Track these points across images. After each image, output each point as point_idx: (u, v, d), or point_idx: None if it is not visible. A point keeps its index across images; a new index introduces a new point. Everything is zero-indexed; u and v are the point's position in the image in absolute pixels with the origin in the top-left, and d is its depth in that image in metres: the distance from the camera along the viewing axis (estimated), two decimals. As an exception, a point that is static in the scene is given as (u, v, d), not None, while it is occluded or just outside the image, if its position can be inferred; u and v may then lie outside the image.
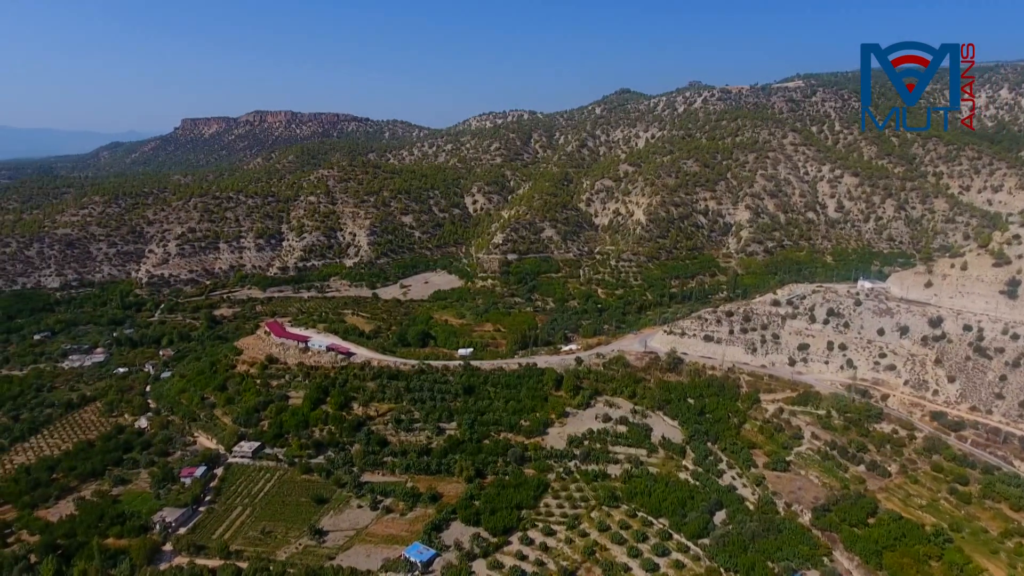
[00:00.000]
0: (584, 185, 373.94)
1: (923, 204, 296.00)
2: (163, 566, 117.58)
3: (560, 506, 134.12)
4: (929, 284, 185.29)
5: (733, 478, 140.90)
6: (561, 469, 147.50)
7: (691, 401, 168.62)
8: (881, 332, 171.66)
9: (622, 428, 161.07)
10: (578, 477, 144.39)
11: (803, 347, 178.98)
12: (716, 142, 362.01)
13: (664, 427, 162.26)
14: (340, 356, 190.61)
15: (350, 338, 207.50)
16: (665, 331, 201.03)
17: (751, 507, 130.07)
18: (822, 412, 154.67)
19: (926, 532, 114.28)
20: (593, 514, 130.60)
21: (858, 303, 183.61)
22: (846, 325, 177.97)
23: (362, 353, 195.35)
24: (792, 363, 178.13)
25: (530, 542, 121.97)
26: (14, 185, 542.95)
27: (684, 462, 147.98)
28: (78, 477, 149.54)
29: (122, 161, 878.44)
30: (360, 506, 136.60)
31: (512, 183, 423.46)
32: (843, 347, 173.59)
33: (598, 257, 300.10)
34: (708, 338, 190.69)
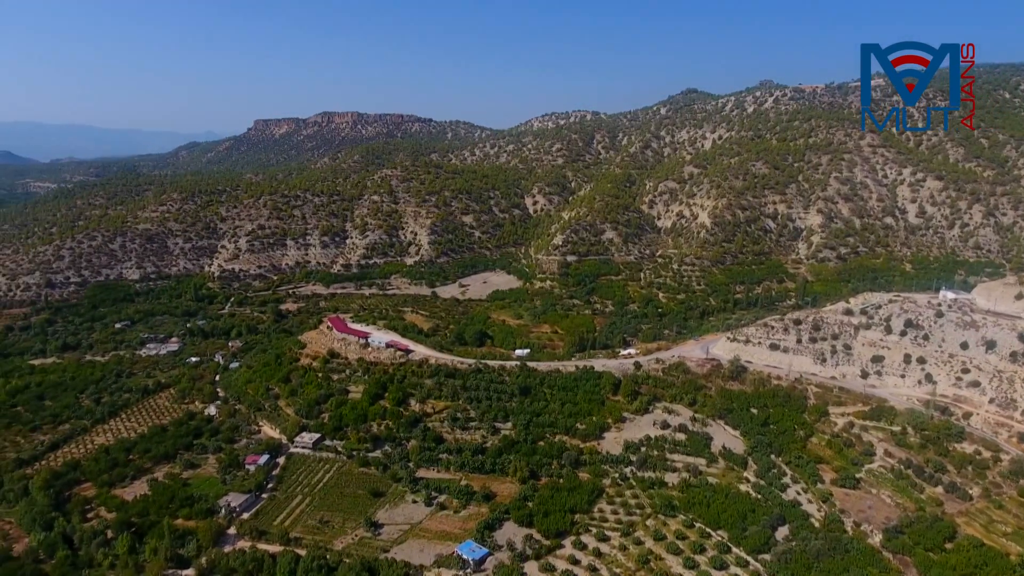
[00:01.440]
0: (647, 187, 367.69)
1: (1015, 210, 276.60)
2: (227, 548, 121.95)
3: (615, 512, 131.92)
4: (1020, 296, 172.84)
5: (798, 493, 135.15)
6: (617, 475, 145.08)
7: (754, 411, 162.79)
8: (964, 346, 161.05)
9: (681, 436, 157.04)
10: (634, 484, 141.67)
11: (877, 359, 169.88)
12: (787, 143, 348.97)
13: (725, 437, 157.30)
14: (399, 353, 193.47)
15: (409, 335, 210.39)
16: (728, 338, 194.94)
17: (816, 524, 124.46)
18: (896, 428, 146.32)
19: (1011, 562, 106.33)
20: (648, 522, 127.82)
21: (940, 314, 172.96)
22: (925, 337, 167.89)
23: (420, 351, 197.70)
24: (865, 376, 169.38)
25: (583, 547, 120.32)
26: (101, 182, 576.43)
27: (745, 474, 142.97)
28: (152, 459, 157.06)
29: (199, 160, 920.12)
30: (415, 501, 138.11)
31: (573, 184, 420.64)
32: (921, 361, 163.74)
33: (660, 260, 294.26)
34: (774, 347, 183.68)
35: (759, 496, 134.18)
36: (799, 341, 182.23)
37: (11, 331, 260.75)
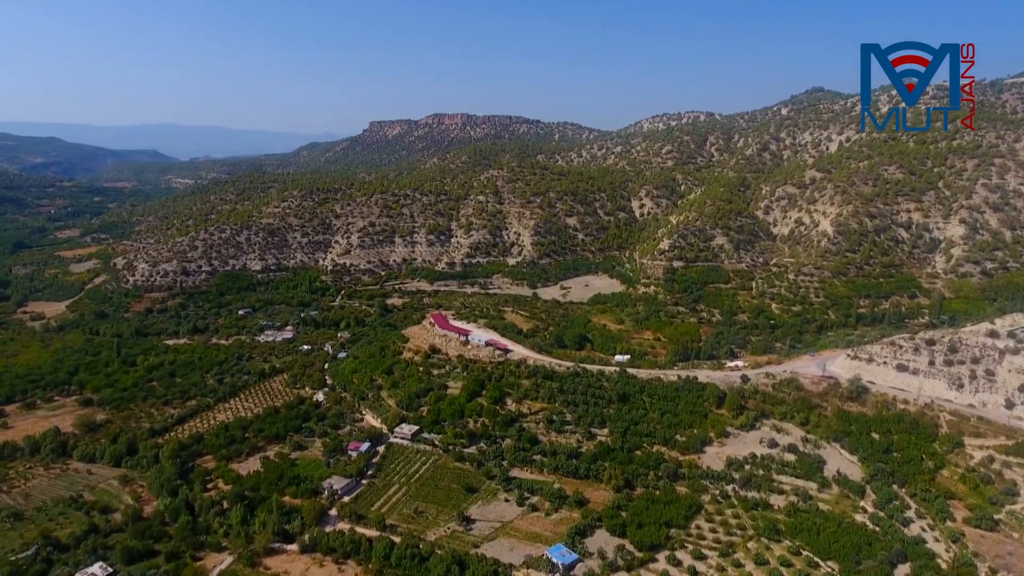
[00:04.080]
0: (763, 191, 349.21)
1: None
2: (328, 528, 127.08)
3: (713, 530, 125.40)
4: None
5: (923, 529, 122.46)
6: (717, 492, 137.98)
7: (875, 436, 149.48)
8: None
9: (790, 456, 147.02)
10: (735, 503, 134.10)
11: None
12: (927, 146, 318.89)
13: (840, 461, 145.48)
14: (498, 352, 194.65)
15: (508, 335, 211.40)
16: (849, 355, 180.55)
17: (944, 565, 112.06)
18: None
19: None
20: (750, 544, 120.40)
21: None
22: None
23: (519, 351, 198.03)
24: (1010, 406, 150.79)
25: (678, 563, 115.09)
26: (231, 180, 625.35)
27: (862, 503, 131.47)
28: (265, 438, 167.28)
29: (318, 159, 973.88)
30: (507, 500, 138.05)
31: (683, 187, 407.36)
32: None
33: (774, 269, 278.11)
34: (902, 367, 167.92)
35: (877, 529, 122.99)
36: (932, 363, 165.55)
37: (151, 313, 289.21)
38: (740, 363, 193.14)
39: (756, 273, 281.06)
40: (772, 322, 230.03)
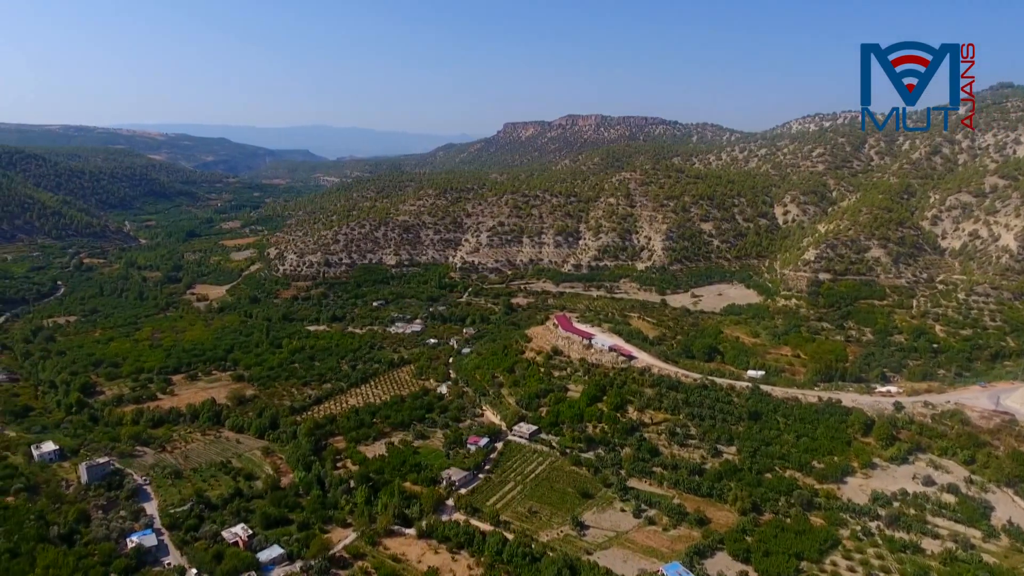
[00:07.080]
0: (931, 200, 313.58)
1: None
2: (444, 517, 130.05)
3: (852, 569, 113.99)
4: None
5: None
6: (858, 527, 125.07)
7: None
8: None
9: (949, 498, 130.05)
10: (880, 542, 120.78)
11: None
12: None
13: (1012, 509, 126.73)
14: (621, 358, 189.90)
15: (633, 341, 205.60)
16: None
17: None
18: None
19: None
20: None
21: None
22: None
23: (643, 358, 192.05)
24: None
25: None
26: (372, 178, 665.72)
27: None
28: (390, 425, 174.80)
29: (453, 160, 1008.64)
30: (623, 510, 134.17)
31: (835, 194, 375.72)
32: None
33: (940, 287, 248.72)
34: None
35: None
36: None
37: (296, 300, 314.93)
38: (893, 388, 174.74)
39: (918, 290, 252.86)
40: (935, 346, 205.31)
